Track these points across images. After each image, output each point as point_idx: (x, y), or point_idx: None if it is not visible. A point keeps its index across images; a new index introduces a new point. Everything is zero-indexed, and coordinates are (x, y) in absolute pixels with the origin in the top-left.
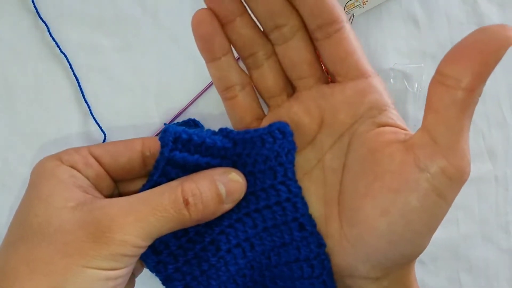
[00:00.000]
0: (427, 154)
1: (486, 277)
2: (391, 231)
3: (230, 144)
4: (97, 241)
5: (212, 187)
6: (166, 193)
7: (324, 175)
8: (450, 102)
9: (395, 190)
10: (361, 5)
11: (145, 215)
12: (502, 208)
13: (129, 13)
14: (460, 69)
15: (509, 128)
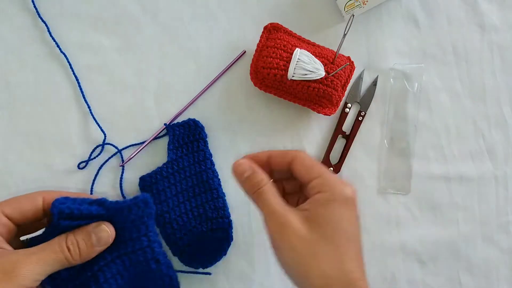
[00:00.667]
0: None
1: (486, 277)
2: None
3: (104, 211)
4: (6, 277)
5: (86, 237)
6: (56, 244)
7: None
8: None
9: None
10: (361, 5)
11: (43, 257)
12: (502, 208)
13: (129, 13)
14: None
15: (509, 128)
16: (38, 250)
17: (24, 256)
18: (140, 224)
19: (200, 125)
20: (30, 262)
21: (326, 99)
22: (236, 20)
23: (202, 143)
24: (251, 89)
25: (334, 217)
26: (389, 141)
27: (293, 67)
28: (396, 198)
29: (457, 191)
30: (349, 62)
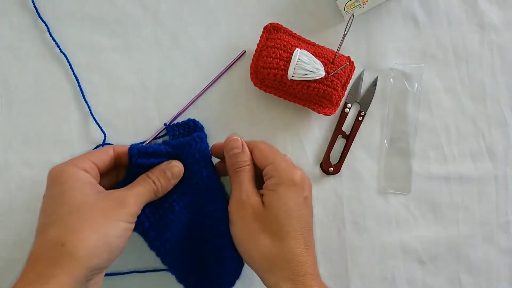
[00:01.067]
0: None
1: (486, 277)
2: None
3: (170, 149)
4: (122, 206)
5: (162, 173)
6: (144, 180)
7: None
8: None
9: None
10: (361, 5)
11: (140, 191)
12: (502, 208)
13: (129, 13)
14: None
15: (509, 128)
16: (133, 186)
17: (127, 191)
18: (199, 158)
19: (199, 125)
20: (133, 194)
21: (326, 99)
22: (236, 20)
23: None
24: (251, 89)
25: (281, 199)
26: (389, 141)
27: (293, 67)
28: (396, 198)
29: (457, 191)
30: (349, 62)
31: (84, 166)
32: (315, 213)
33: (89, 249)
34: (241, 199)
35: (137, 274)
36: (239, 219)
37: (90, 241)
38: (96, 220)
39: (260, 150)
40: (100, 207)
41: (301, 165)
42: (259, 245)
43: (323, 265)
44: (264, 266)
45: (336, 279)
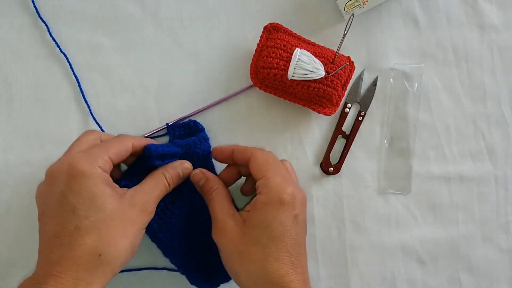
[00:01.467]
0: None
1: (486, 277)
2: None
3: (178, 148)
4: (144, 214)
5: (176, 172)
6: (159, 180)
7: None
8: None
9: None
10: (361, 5)
11: (157, 194)
12: (502, 208)
13: (129, 13)
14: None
15: (509, 128)
16: (153, 189)
17: (148, 196)
18: (202, 157)
19: (200, 126)
20: (153, 200)
21: (326, 99)
22: (236, 20)
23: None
24: (251, 89)
25: (266, 219)
26: (389, 141)
27: (293, 67)
28: (396, 198)
29: (457, 191)
30: (349, 62)
31: (104, 166)
32: (315, 213)
33: (122, 257)
34: (217, 227)
35: (136, 272)
36: (220, 245)
37: (122, 250)
38: (127, 229)
39: (255, 160)
40: (129, 216)
41: (301, 165)
42: (243, 269)
43: (323, 265)
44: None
45: (336, 279)
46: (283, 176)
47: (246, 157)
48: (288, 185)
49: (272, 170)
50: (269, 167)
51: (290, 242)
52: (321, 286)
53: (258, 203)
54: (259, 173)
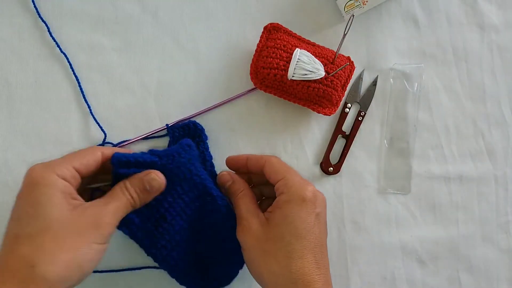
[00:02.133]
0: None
1: (486, 277)
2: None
3: (156, 158)
4: (97, 227)
5: (139, 184)
6: (120, 192)
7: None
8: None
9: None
10: (361, 5)
11: (116, 206)
12: (502, 208)
13: (129, 13)
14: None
15: (509, 128)
16: (109, 200)
17: (102, 207)
18: (190, 166)
19: (199, 127)
20: (110, 211)
21: (326, 99)
22: (236, 20)
23: (202, 145)
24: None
25: (289, 217)
26: (389, 141)
27: (293, 67)
28: (396, 198)
29: (457, 191)
30: (349, 62)
31: (65, 174)
32: None
33: (60, 272)
34: (242, 225)
35: (131, 271)
36: (244, 244)
37: (61, 264)
38: (69, 241)
39: (271, 164)
40: (74, 227)
41: (301, 165)
42: (267, 267)
43: None
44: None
45: (336, 279)
46: (300, 178)
47: (261, 164)
48: (308, 184)
49: (290, 172)
50: (287, 169)
51: (314, 240)
52: None
53: (280, 202)
54: (277, 175)
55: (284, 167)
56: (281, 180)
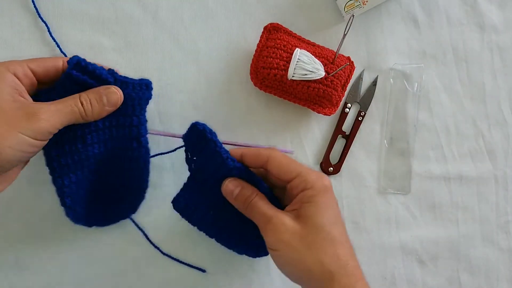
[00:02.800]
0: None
1: (486, 277)
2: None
3: (112, 80)
4: (29, 119)
5: (97, 96)
6: (71, 99)
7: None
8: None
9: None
10: (361, 5)
11: (60, 108)
12: (502, 208)
13: (129, 13)
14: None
15: (509, 128)
16: (56, 103)
17: (45, 105)
18: (137, 105)
19: (207, 129)
20: (50, 109)
21: (326, 99)
22: (236, 20)
23: (213, 144)
24: (251, 89)
25: (320, 209)
26: (389, 141)
27: (293, 67)
28: (396, 198)
29: (457, 191)
30: (349, 62)
31: (17, 70)
32: None
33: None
34: (273, 224)
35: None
36: (281, 243)
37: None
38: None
39: (277, 160)
40: (6, 116)
41: None
42: (314, 260)
43: None
44: (322, 277)
45: None
46: (310, 168)
47: (262, 161)
48: (321, 173)
49: (302, 167)
50: (297, 165)
51: (343, 225)
52: None
53: (306, 198)
54: (290, 173)
55: (293, 163)
56: (297, 178)
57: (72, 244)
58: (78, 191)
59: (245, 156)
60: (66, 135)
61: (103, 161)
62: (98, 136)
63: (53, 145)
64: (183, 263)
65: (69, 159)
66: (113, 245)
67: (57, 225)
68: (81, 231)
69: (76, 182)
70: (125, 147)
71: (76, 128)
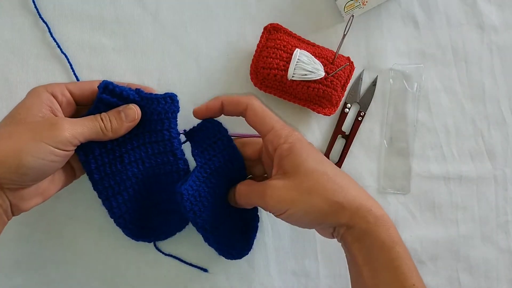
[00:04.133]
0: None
1: (486, 277)
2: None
3: (138, 98)
4: (51, 128)
5: (116, 114)
6: (92, 116)
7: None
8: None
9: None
10: (361, 6)
11: (81, 121)
12: (502, 208)
13: (130, 13)
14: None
15: (508, 128)
16: (78, 119)
17: (68, 118)
18: (165, 119)
19: (217, 123)
20: (71, 121)
21: (326, 99)
22: (236, 20)
23: (226, 140)
24: (251, 89)
25: (301, 155)
26: (388, 141)
27: (293, 67)
28: (395, 198)
29: (457, 191)
30: (348, 62)
31: (54, 89)
32: None
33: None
34: (268, 193)
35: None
36: (284, 205)
37: (3, 151)
38: (18, 135)
39: (254, 111)
40: (31, 126)
41: None
42: (317, 203)
43: (323, 265)
44: (333, 211)
45: (336, 279)
46: (282, 123)
47: (241, 108)
48: (292, 128)
49: (276, 120)
50: (272, 118)
51: (331, 162)
52: (321, 285)
53: (284, 151)
54: (263, 126)
55: (268, 116)
56: (271, 132)
57: (72, 244)
58: (129, 210)
59: (224, 105)
60: (105, 158)
61: (146, 179)
62: (135, 154)
63: (95, 169)
64: (185, 263)
65: (112, 181)
66: (113, 245)
67: (57, 225)
68: (81, 231)
69: (123, 202)
70: (162, 162)
71: (113, 150)
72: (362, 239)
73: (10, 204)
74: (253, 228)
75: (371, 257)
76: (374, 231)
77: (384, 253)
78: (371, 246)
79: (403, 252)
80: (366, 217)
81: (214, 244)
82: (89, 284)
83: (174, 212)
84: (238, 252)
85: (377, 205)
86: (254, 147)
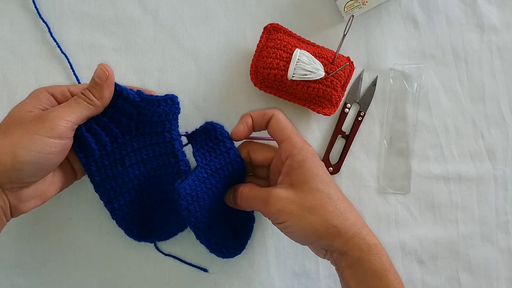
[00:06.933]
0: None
1: (486, 277)
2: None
3: (138, 99)
4: (42, 120)
5: (91, 82)
6: (74, 97)
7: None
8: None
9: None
10: (361, 6)
11: (68, 104)
12: (501, 207)
13: (129, 13)
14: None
15: (508, 128)
16: (62, 104)
17: (54, 108)
18: (165, 120)
19: (218, 126)
20: (58, 107)
21: (326, 99)
22: (236, 20)
23: (228, 142)
24: (251, 89)
25: (311, 172)
26: (388, 141)
27: (293, 67)
28: (395, 198)
29: (457, 191)
30: (348, 62)
31: (55, 91)
32: None
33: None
34: (271, 202)
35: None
36: (284, 217)
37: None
38: (11, 132)
39: (277, 121)
40: (22, 121)
41: None
42: (316, 223)
43: (323, 265)
44: (329, 233)
45: (336, 279)
46: (301, 137)
47: (267, 118)
48: (306, 142)
49: (294, 132)
50: (290, 129)
51: (336, 184)
52: (321, 285)
53: (295, 163)
54: (281, 135)
55: (288, 127)
56: (286, 141)
57: (72, 244)
58: (131, 212)
59: (253, 116)
60: (105, 160)
61: (148, 180)
62: (136, 157)
63: (95, 171)
64: (185, 263)
65: (113, 183)
66: (113, 245)
67: (57, 225)
68: (81, 232)
69: (125, 204)
70: (163, 163)
71: (113, 152)
72: (355, 266)
73: (10, 205)
74: (249, 228)
75: (364, 284)
76: (367, 260)
77: (376, 280)
78: (364, 273)
79: (395, 279)
80: (359, 244)
81: (205, 242)
82: (89, 284)
83: (176, 212)
84: (230, 251)
85: (371, 234)
86: (267, 154)
